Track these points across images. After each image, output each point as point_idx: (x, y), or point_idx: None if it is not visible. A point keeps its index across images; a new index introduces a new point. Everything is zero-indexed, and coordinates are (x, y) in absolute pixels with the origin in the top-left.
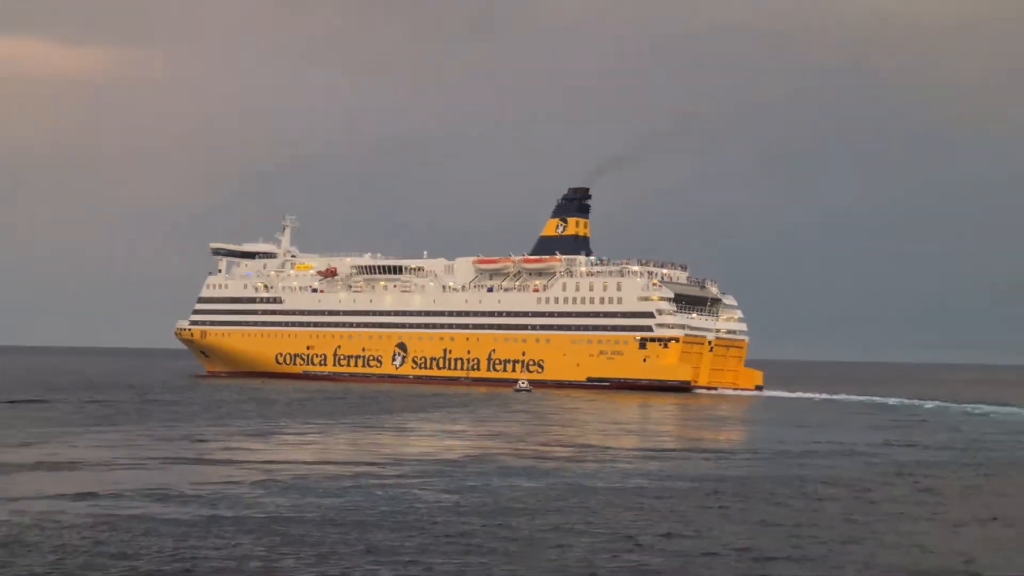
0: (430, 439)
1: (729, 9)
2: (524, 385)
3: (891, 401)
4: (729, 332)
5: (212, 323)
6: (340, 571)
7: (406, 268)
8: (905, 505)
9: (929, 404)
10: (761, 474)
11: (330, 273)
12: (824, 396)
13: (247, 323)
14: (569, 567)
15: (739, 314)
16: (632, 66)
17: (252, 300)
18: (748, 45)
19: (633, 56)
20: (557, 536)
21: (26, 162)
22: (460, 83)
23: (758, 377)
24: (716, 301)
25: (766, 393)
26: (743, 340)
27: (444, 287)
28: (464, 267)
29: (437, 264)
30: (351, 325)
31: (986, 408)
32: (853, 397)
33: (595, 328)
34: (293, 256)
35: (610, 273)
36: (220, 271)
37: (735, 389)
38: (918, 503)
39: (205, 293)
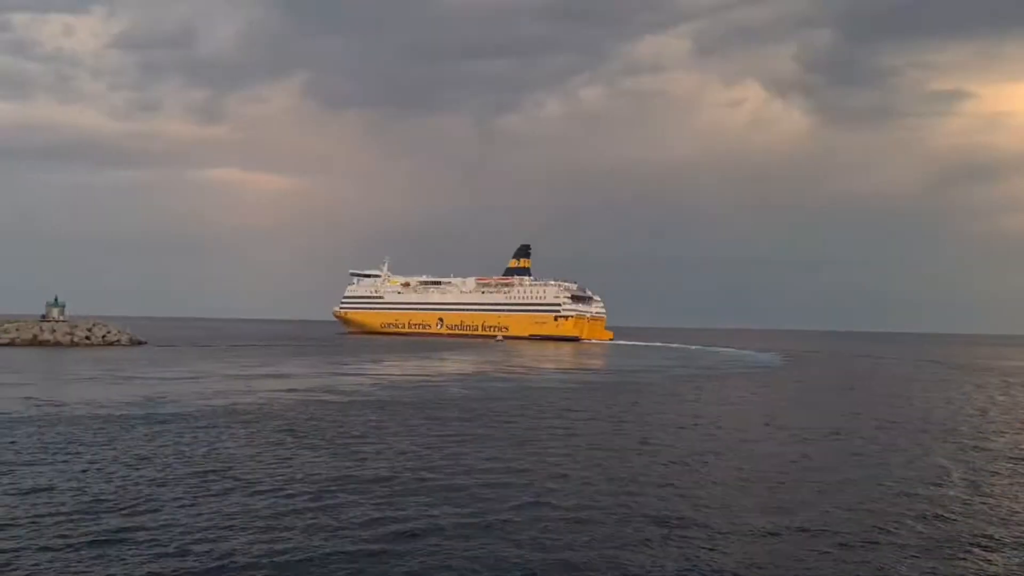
0: (455, 364)
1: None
2: (500, 339)
3: (675, 345)
4: (597, 313)
5: (351, 308)
6: (411, 428)
7: (444, 281)
8: (679, 393)
9: (694, 347)
10: (612, 379)
11: (406, 285)
12: (644, 344)
13: (367, 308)
14: (521, 425)
15: (601, 304)
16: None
17: (369, 298)
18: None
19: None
20: (519, 410)
21: (249, 229)
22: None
23: (610, 334)
24: (590, 298)
25: (615, 342)
26: (603, 316)
27: (461, 291)
28: (471, 282)
29: (459, 280)
30: (416, 309)
31: (719, 349)
32: (663, 344)
33: (533, 311)
34: (388, 276)
35: (540, 285)
36: (354, 283)
37: (600, 340)
38: (683, 391)
39: (347, 293)
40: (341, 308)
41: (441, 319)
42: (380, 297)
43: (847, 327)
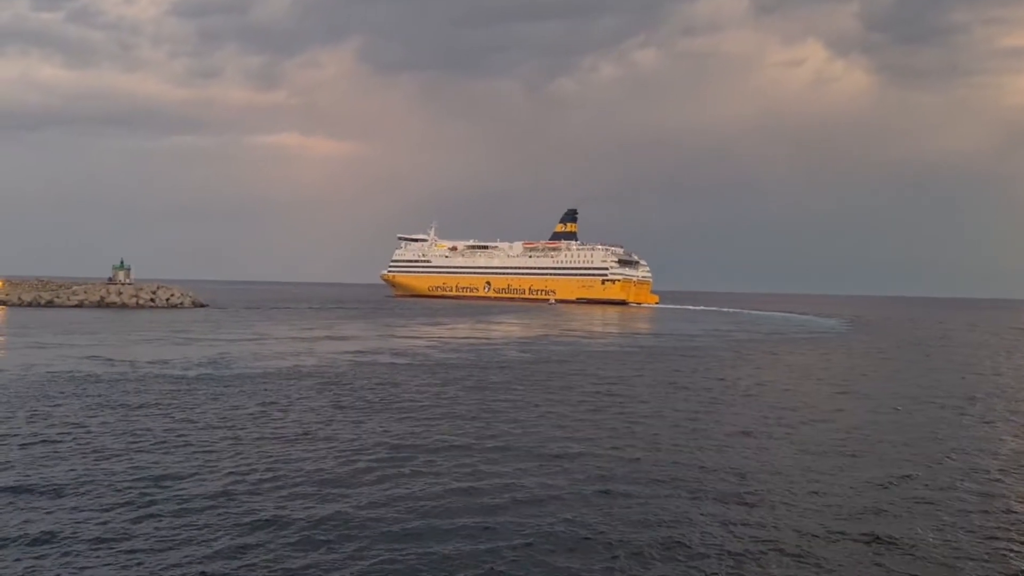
0: (507, 327)
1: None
2: (552, 302)
3: (727, 309)
4: (643, 277)
5: (398, 271)
6: (463, 391)
7: (490, 246)
8: (744, 358)
9: (747, 311)
10: (671, 343)
11: (453, 249)
12: (689, 307)
13: (415, 272)
14: (581, 387)
15: (647, 268)
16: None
17: (416, 262)
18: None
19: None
20: (575, 372)
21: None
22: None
23: (656, 298)
24: (636, 262)
25: (660, 306)
26: (649, 280)
27: (508, 255)
28: (518, 246)
29: (505, 245)
30: (463, 273)
31: (773, 313)
32: (712, 308)
33: (580, 274)
34: (436, 240)
35: (587, 249)
36: (401, 247)
37: (646, 304)
38: (739, 356)
39: (394, 257)
40: (389, 272)
41: (488, 283)
42: (428, 261)
43: (910, 292)
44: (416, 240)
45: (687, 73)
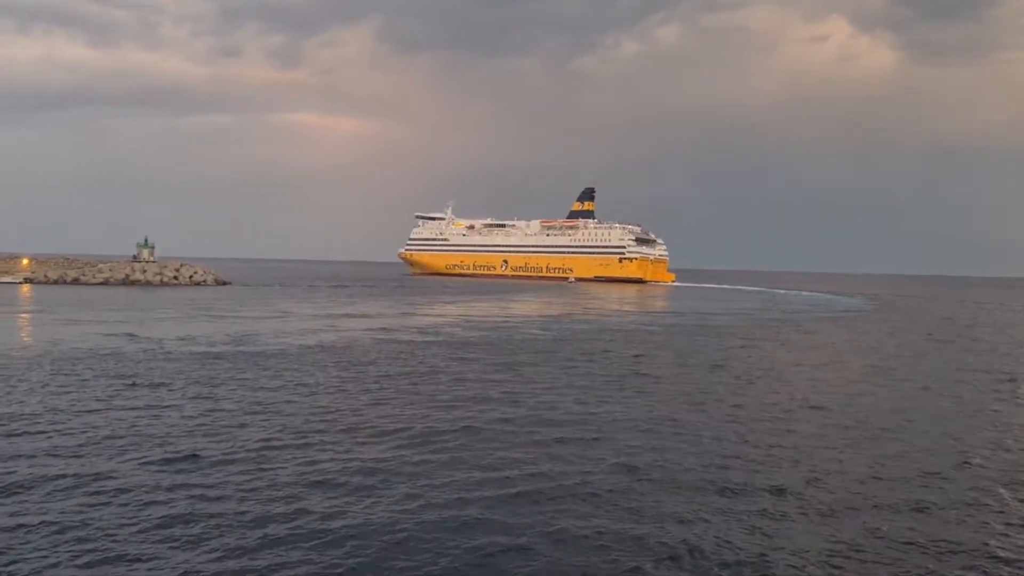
0: (529, 305)
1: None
2: (572, 280)
3: (745, 288)
4: (660, 255)
5: (416, 250)
6: (490, 371)
7: (508, 224)
8: (769, 337)
9: (764, 289)
10: (694, 322)
11: (471, 227)
12: (699, 285)
13: (432, 250)
14: (602, 365)
15: (664, 248)
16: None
17: (434, 240)
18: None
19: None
20: (597, 350)
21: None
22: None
23: (672, 276)
24: (653, 241)
25: (677, 284)
26: (666, 259)
27: (526, 234)
28: (536, 225)
29: (523, 223)
30: (481, 251)
31: (792, 294)
32: (719, 285)
33: (598, 253)
34: (453, 219)
35: (605, 227)
36: (419, 225)
37: (663, 282)
38: (762, 334)
39: (412, 236)
40: (406, 250)
41: (506, 261)
42: (445, 239)
43: (933, 271)
44: (433, 219)
45: (709, 50)
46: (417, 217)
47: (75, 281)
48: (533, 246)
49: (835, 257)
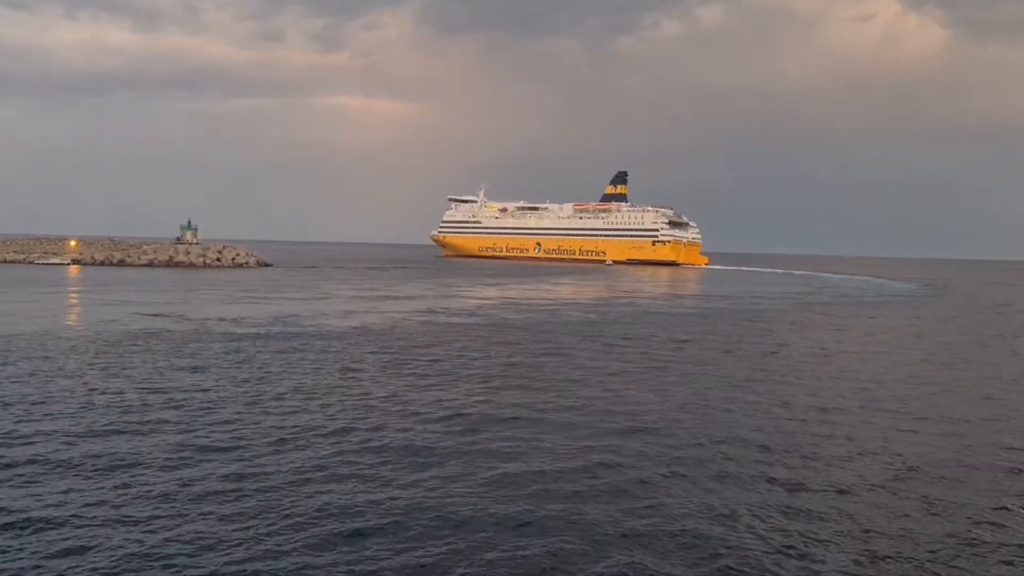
0: (567, 287)
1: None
2: (609, 263)
3: (784, 271)
4: (693, 238)
5: (448, 232)
6: (534, 347)
7: (540, 207)
8: (816, 322)
9: (798, 272)
10: (737, 305)
11: (503, 210)
12: (732, 268)
13: (465, 232)
14: (647, 345)
15: (697, 231)
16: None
17: (467, 222)
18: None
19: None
20: (640, 333)
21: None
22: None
23: (705, 259)
24: (686, 224)
25: (710, 267)
26: (699, 242)
27: (559, 216)
28: (568, 208)
29: (555, 206)
30: (513, 233)
31: (838, 278)
32: (755, 268)
33: (631, 236)
34: (485, 201)
35: (638, 210)
36: (452, 208)
37: (696, 265)
38: (824, 320)
39: (445, 218)
40: (439, 232)
41: (539, 243)
42: (478, 222)
43: (980, 256)
44: (466, 201)
45: (753, 29)
46: (450, 200)
47: (121, 263)
48: (566, 229)
49: (876, 241)
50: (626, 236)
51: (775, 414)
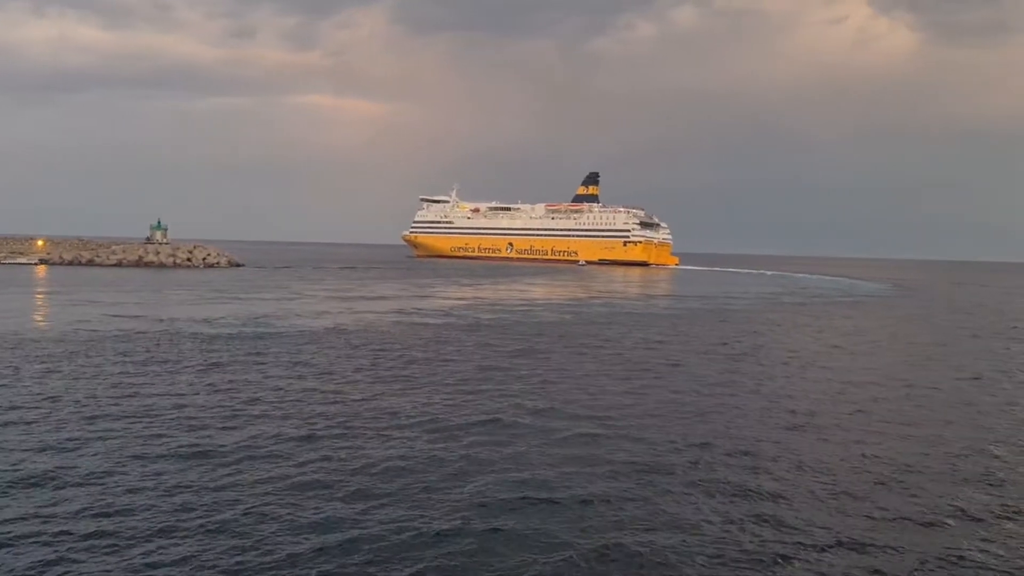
0: (541, 288)
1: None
2: (582, 263)
3: (747, 271)
4: (663, 239)
5: (420, 232)
6: (510, 347)
7: (513, 207)
8: (766, 317)
9: (770, 272)
10: (712, 305)
11: (476, 210)
12: (703, 269)
13: (437, 232)
14: (625, 344)
15: (668, 231)
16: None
17: (438, 223)
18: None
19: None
20: (615, 334)
21: (347, 151)
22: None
23: (676, 260)
24: (657, 224)
25: (681, 267)
26: (669, 242)
27: (531, 217)
28: (540, 208)
29: (527, 207)
30: (486, 234)
31: (812, 278)
32: (728, 269)
33: (603, 236)
34: (457, 201)
35: (609, 211)
36: (424, 208)
37: (666, 265)
38: (775, 316)
39: (416, 218)
40: (411, 232)
41: (511, 244)
42: (450, 222)
43: (948, 256)
44: (438, 201)
45: (725, 31)
46: (422, 200)
47: (89, 262)
48: (538, 229)
49: (848, 242)
50: (598, 237)
51: (751, 417)
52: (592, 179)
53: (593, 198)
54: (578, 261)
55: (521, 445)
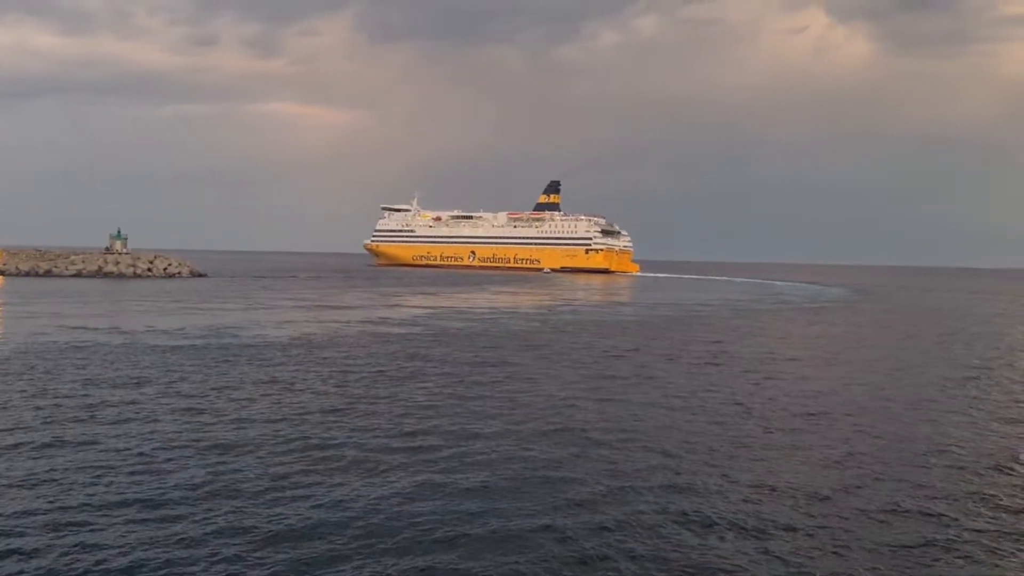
0: (506, 296)
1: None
2: (547, 270)
3: (717, 278)
4: (624, 246)
5: (382, 241)
6: (479, 356)
7: (475, 216)
8: (720, 321)
9: (740, 280)
10: (679, 313)
11: (437, 219)
12: (663, 275)
13: (398, 241)
14: (587, 353)
15: (628, 239)
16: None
17: (400, 231)
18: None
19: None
20: (582, 341)
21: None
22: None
23: (637, 267)
24: (618, 232)
25: (642, 274)
26: (630, 250)
27: (493, 225)
28: (502, 217)
29: (490, 215)
30: (448, 242)
31: (779, 284)
32: (680, 275)
33: (565, 244)
34: (419, 210)
35: (571, 219)
36: (385, 217)
37: (628, 272)
38: (722, 319)
39: (378, 227)
40: (372, 241)
41: (473, 252)
42: (412, 231)
43: (906, 262)
44: (399, 210)
45: (688, 40)
46: (383, 208)
47: (47, 273)
48: (500, 238)
49: (810, 248)
50: (560, 245)
51: (719, 424)
52: (553, 187)
53: (555, 206)
54: (542, 269)
55: (487, 455)
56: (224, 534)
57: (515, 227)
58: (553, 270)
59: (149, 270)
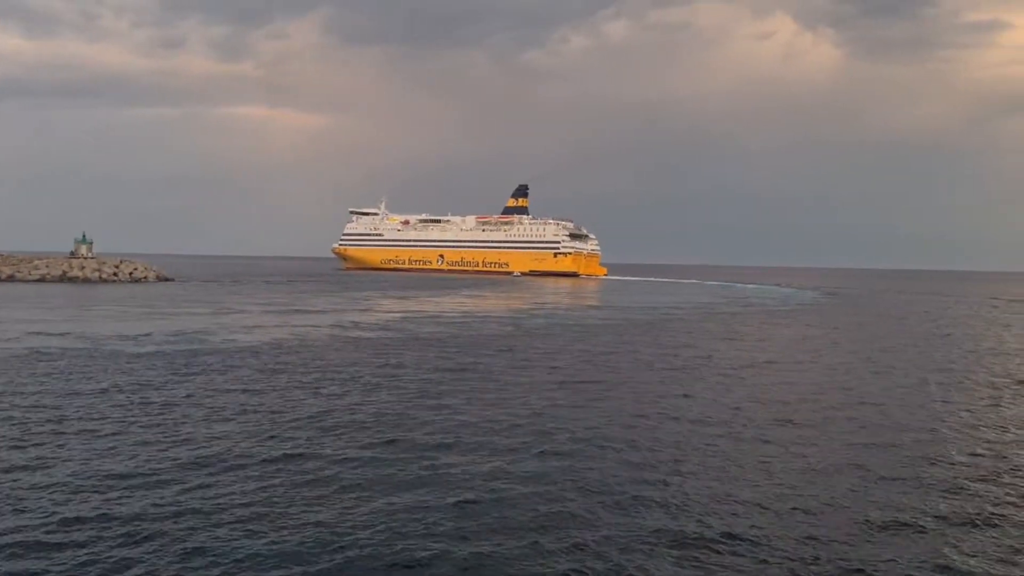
0: (477, 300)
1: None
2: (517, 274)
3: (691, 280)
4: (592, 250)
5: (350, 244)
6: (454, 361)
7: (443, 220)
8: (693, 325)
9: (711, 283)
10: (651, 316)
11: (406, 222)
12: (632, 279)
13: (367, 245)
14: (559, 355)
15: (596, 242)
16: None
17: (368, 235)
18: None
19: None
20: (554, 345)
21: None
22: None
23: (604, 270)
24: (586, 236)
25: (610, 277)
26: (598, 253)
27: (461, 229)
28: (471, 220)
29: (458, 219)
30: (416, 246)
31: (749, 287)
32: (649, 278)
33: (533, 248)
34: (387, 214)
35: (539, 223)
36: (353, 221)
37: (596, 275)
38: (693, 322)
39: (346, 231)
40: (340, 245)
41: (442, 256)
42: (380, 234)
43: (873, 266)
44: (367, 214)
45: (657, 45)
46: (351, 212)
47: (10, 278)
48: (469, 241)
49: (780, 251)
50: (528, 248)
51: (697, 430)
52: (522, 191)
53: (523, 210)
54: (511, 272)
55: (460, 465)
56: (192, 555)
57: (484, 231)
58: (522, 273)
59: (115, 275)
